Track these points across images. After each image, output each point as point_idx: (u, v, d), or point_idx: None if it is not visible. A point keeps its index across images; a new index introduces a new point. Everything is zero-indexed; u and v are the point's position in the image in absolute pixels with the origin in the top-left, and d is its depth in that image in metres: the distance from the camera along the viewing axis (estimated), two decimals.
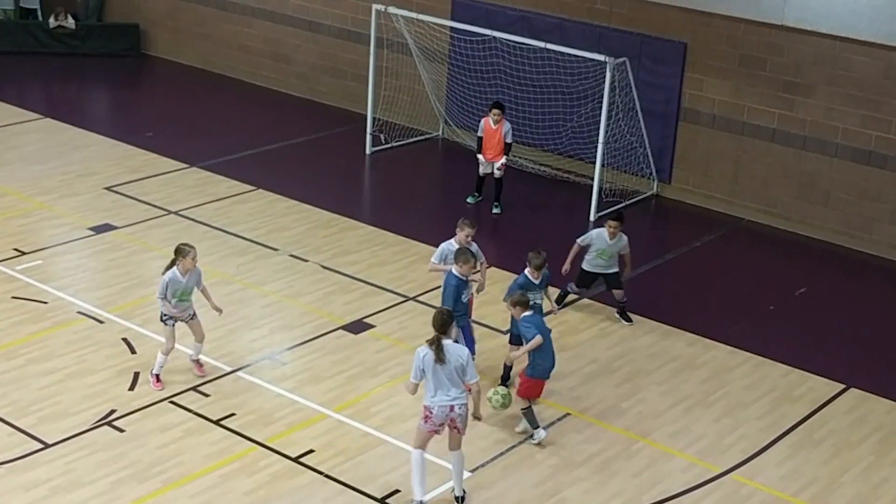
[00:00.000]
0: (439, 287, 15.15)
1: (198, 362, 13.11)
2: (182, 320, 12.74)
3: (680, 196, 19.14)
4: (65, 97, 23.13)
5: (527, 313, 12.17)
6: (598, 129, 18.04)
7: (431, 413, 10.81)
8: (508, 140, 17.92)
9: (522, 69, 19.48)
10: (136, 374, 13.00)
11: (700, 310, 15.53)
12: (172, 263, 12.58)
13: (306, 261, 16.08)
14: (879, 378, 13.97)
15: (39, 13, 25.50)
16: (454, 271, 12.58)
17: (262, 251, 16.31)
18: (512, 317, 12.56)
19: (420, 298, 15.13)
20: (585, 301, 15.45)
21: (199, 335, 12.91)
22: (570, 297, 15.27)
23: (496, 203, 18.17)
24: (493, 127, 17.86)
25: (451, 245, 13.16)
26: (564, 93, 19.28)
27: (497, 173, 18.05)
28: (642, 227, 18.64)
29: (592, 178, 18.28)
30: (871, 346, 14.90)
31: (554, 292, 14.32)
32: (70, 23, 24.77)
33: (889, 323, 15.54)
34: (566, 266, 14.68)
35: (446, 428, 10.91)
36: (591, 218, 18.07)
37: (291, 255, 16.22)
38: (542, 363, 12.22)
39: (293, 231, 17.04)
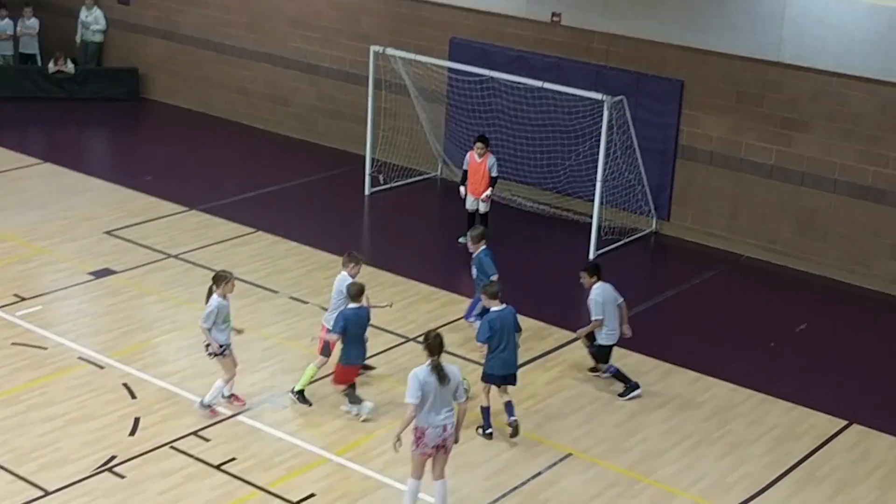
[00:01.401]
0: (442, 326, 15.15)
1: (234, 395, 13.26)
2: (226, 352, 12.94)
3: (679, 233, 19.16)
4: (64, 142, 23.19)
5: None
6: (597, 167, 18.09)
7: (424, 434, 10.86)
8: (494, 174, 17.92)
9: (520, 108, 19.55)
10: (137, 420, 12.96)
11: (701, 347, 15.51)
12: (211, 292, 12.81)
13: (306, 303, 16.06)
14: (882, 414, 13.93)
15: (38, 58, 25.61)
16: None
17: (263, 294, 16.31)
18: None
19: (420, 339, 15.08)
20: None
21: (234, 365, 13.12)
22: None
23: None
24: (477, 160, 17.89)
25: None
26: (562, 131, 19.34)
27: (482, 207, 18.05)
28: (642, 264, 18.66)
29: (591, 216, 18.30)
30: (873, 381, 14.87)
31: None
32: (69, 68, 24.89)
33: (890, 358, 15.51)
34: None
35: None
36: (591, 256, 18.07)
37: (292, 298, 16.21)
38: (354, 350, 12.96)
39: (293, 273, 17.04)
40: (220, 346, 12.89)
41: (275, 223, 18.70)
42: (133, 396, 13.44)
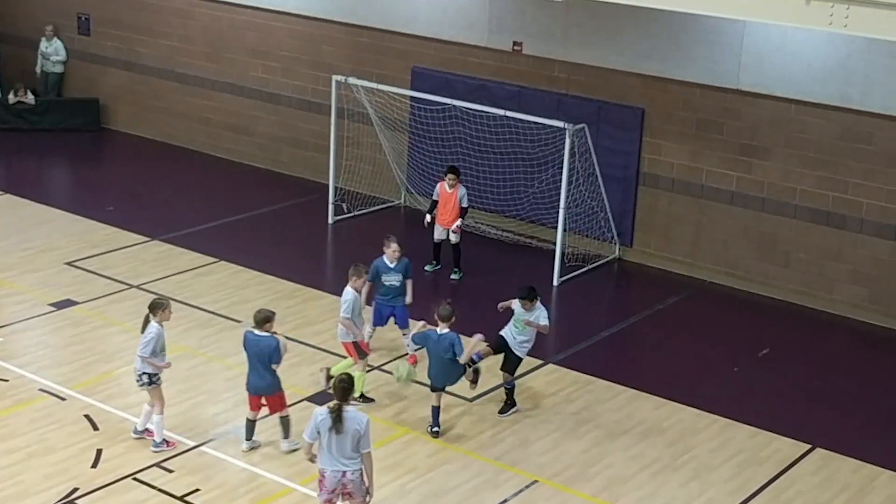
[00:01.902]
0: (404, 355, 15.14)
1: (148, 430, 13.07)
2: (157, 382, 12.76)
3: (642, 259, 19.25)
4: (24, 172, 23.03)
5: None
6: (559, 194, 18.17)
7: (325, 477, 10.74)
8: (464, 204, 17.97)
9: (483, 136, 19.63)
10: (99, 451, 12.84)
11: (665, 373, 15.56)
12: (147, 321, 12.70)
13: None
14: (845, 437, 14.01)
15: None
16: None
17: (226, 323, 16.22)
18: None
19: (385, 367, 15.07)
20: (550, 366, 15.44)
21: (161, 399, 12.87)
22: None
23: (456, 270, 18.20)
24: (448, 191, 17.93)
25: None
26: (525, 159, 19.43)
27: (453, 238, 18.09)
28: (605, 290, 18.72)
29: (554, 243, 18.36)
30: (835, 405, 14.96)
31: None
32: (30, 98, 24.76)
33: (852, 382, 15.62)
34: None
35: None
36: (555, 283, 18.12)
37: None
38: (250, 377, 12.87)
39: (256, 302, 16.88)
40: (150, 376, 12.73)
41: (238, 253, 18.63)
42: (95, 428, 13.32)
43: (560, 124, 17.98)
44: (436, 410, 13.60)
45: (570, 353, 15.88)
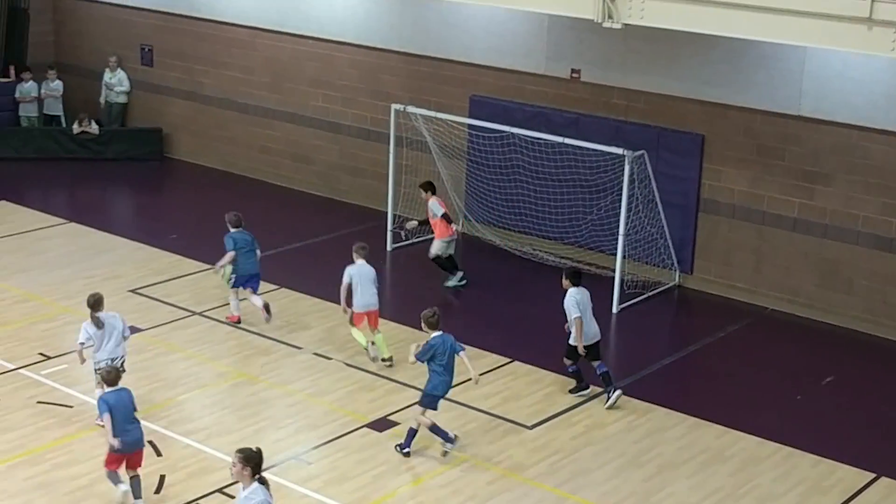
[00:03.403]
0: (465, 381, 15.16)
1: None
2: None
3: (702, 286, 19.13)
4: (88, 202, 23.37)
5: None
6: (619, 221, 18.13)
7: None
8: (437, 213, 18.67)
9: (541, 163, 19.65)
10: (163, 477, 12.95)
11: (727, 401, 15.43)
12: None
13: (330, 359, 16.09)
14: None
15: (63, 119, 25.91)
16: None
17: (286, 350, 16.33)
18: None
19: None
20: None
21: None
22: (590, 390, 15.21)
23: (451, 275, 18.88)
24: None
25: None
26: (584, 186, 19.41)
27: (433, 249, 18.80)
28: (666, 318, 18.61)
29: (614, 270, 18.31)
30: None
31: None
32: (94, 128, 25.15)
33: None
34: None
35: None
36: (615, 310, 18.05)
37: (315, 354, 16.23)
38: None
39: (316, 329, 17.07)
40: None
41: (298, 280, 18.76)
42: (158, 454, 13.44)
43: (619, 151, 17.96)
44: (436, 427, 13.65)
45: (630, 381, 15.80)
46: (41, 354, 15.90)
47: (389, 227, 20.52)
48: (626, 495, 13.03)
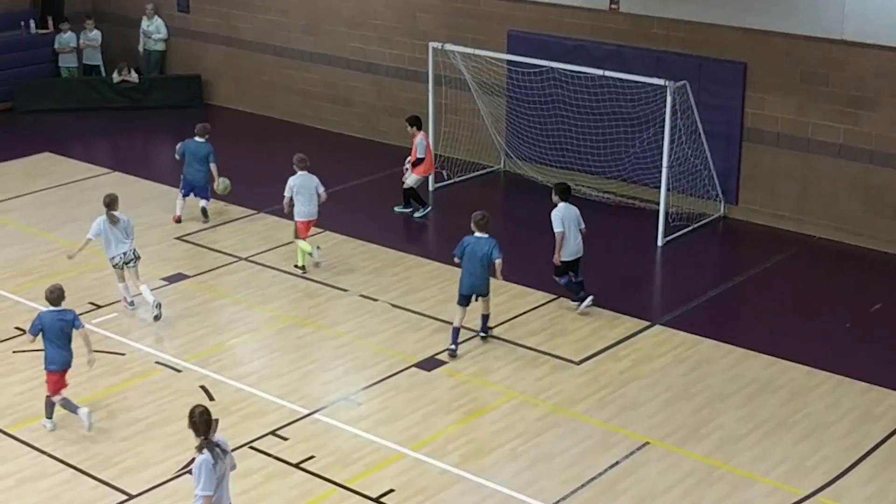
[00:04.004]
0: (510, 320, 15.20)
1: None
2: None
3: (748, 217, 19.00)
4: (131, 150, 23.50)
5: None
6: (662, 153, 17.99)
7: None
8: (419, 154, 19.04)
9: (581, 98, 19.50)
10: (216, 421, 13.07)
11: (775, 331, 15.37)
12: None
13: (376, 300, 16.16)
14: None
15: (102, 69, 25.98)
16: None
17: (333, 292, 16.42)
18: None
19: (491, 333, 15.14)
20: (657, 328, 15.35)
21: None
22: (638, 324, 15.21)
23: (410, 208, 19.39)
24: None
25: None
26: (625, 119, 19.26)
27: (408, 181, 19.32)
28: (711, 249, 18.53)
29: (658, 203, 18.21)
30: None
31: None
32: (133, 77, 25.22)
33: None
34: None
35: None
36: (659, 243, 17.98)
37: (361, 296, 16.31)
38: (57, 356, 12.81)
39: (362, 271, 17.15)
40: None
41: (341, 222, 18.80)
42: (211, 398, 13.61)
43: (660, 82, 17.78)
44: (456, 331, 14.42)
45: (677, 313, 15.77)
46: (91, 304, 16.08)
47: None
48: (676, 428, 13.06)
